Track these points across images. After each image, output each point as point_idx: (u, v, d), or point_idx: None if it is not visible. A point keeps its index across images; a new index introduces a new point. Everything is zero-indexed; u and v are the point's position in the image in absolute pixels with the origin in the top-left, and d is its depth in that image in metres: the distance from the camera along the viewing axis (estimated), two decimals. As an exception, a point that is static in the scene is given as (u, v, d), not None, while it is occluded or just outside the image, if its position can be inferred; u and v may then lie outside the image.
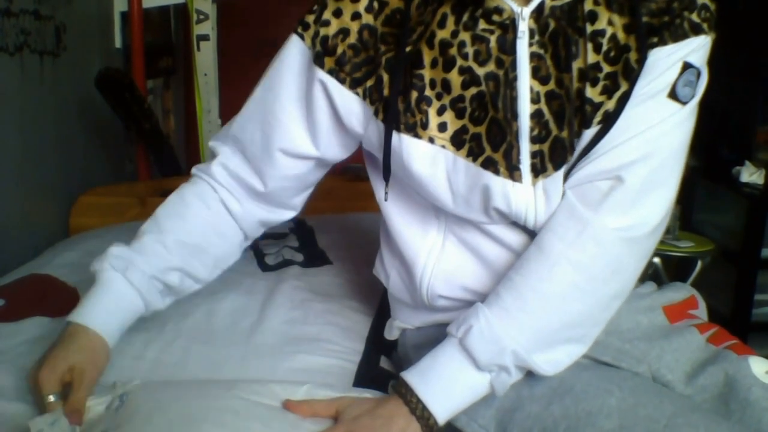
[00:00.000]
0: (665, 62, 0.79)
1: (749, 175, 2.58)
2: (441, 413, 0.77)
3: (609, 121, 0.78)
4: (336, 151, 0.93)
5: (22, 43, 1.45)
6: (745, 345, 0.89)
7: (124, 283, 0.89)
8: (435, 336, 0.94)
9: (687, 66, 0.79)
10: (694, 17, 0.79)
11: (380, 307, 1.18)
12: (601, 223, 0.79)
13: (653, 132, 0.79)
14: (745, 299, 2.49)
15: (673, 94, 0.79)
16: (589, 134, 0.80)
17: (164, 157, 2.03)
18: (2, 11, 1.36)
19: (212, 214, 0.96)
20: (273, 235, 1.48)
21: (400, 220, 0.93)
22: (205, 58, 2.12)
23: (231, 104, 0.97)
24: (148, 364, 0.94)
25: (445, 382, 0.78)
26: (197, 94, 2.13)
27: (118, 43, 2.06)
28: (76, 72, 1.74)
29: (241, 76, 2.30)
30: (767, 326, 2.52)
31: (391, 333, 1.04)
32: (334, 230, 1.57)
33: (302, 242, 1.50)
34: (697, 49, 0.80)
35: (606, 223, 0.79)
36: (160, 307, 0.95)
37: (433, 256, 0.91)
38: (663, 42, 0.78)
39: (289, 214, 1.01)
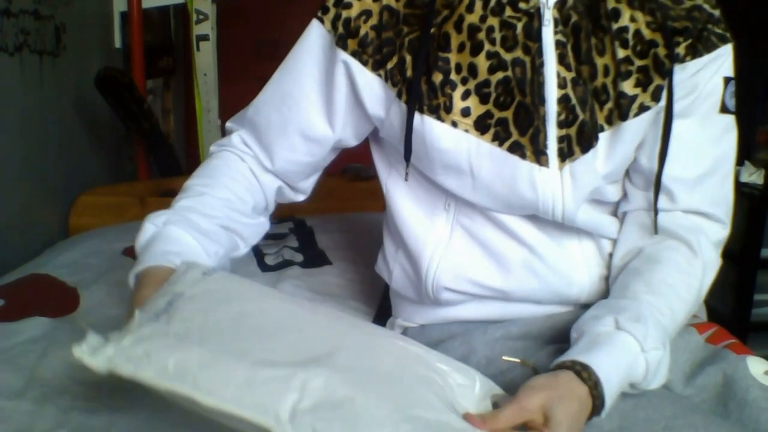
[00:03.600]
0: (704, 75, 0.84)
1: (749, 175, 2.57)
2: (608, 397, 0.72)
3: (665, 128, 0.83)
4: (349, 135, 0.93)
5: (22, 43, 1.45)
6: (744, 345, 0.89)
7: (171, 228, 0.83)
8: (438, 336, 0.95)
9: (728, 80, 0.86)
10: (717, 29, 0.84)
11: (380, 307, 1.18)
12: (715, 259, 0.88)
13: (722, 149, 0.87)
14: (745, 299, 2.49)
15: (724, 109, 0.86)
16: (632, 127, 0.82)
17: (164, 157, 2.03)
18: (2, 11, 1.36)
19: (242, 175, 0.93)
20: (273, 236, 1.48)
21: (407, 210, 0.93)
22: (205, 58, 2.12)
23: (231, 104, 0.97)
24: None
25: (620, 371, 0.74)
26: (197, 94, 2.13)
27: (117, 43, 2.06)
28: (76, 72, 1.73)
29: (241, 76, 2.31)
30: (767, 326, 2.52)
31: (391, 333, 1.03)
32: (334, 230, 1.57)
33: (302, 242, 1.50)
34: (727, 58, 0.86)
35: (715, 258, 0.88)
36: (221, 254, 0.87)
37: (440, 248, 0.91)
38: (698, 54, 0.83)
39: (299, 197, 1.00)
